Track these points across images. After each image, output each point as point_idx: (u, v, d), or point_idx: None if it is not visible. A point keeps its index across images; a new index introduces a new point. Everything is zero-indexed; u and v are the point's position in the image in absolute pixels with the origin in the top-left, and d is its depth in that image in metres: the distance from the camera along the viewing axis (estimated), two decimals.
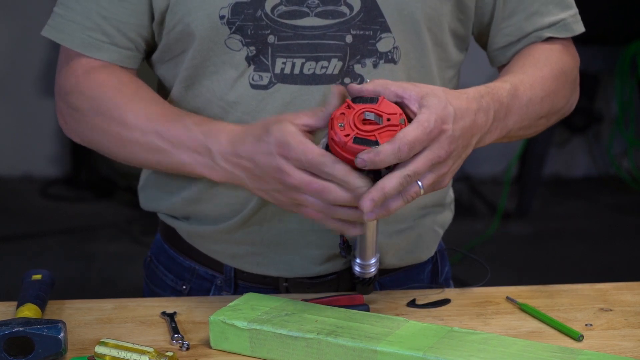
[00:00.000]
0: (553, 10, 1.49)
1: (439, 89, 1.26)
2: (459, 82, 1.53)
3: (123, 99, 1.41)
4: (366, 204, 1.21)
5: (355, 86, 1.26)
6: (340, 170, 1.22)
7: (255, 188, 1.32)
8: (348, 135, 1.21)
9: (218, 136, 1.33)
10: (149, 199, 1.55)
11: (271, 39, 1.37)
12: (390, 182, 1.21)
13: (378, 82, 1.26)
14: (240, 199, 1.44)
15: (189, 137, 1.35)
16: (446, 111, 1.23)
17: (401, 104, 1.25)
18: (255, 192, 1.33)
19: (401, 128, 1.21)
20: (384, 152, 1.19)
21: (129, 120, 1.39)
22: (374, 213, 1.22)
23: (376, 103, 1.24)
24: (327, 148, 1.25)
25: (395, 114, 1.23)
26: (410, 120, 1.23)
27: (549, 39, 1.49)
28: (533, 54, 1.47)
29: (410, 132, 1.20)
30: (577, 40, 1.53)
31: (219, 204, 1.46)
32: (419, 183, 1.23)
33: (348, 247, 1.39)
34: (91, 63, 1.43)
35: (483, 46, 1.54)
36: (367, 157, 1.19)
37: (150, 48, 1.47)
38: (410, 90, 1.25)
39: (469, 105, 1.27)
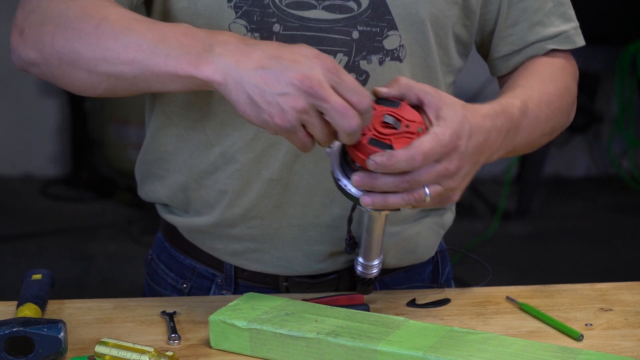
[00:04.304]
0: (556, 22, 1.49)
1: (458, 102, 1.25)
2: (455, 91, 1.53)
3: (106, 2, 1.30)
4: (357, 182, 1.21)
5: (382, 89, 1.25)
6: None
7: (253, 84, 1.17)
8: (365, 135, 1.21)
9: (227, 35, 1.22)
10: (144, 187, 1.54)
11: (276, 27, 1.37)
12: (384, 180, 1.20)
13: (403, 82, 1.25)
14: (233, 180, 1.43)
15: (184, 32, 1.22)
16: (463, 127, 1.22)
17: (419, 109, 1.24)
18: (247, 89, 1.17)
19: (418, 136, 1.20)
20: (397, 157, 1.18)
21: (110, 15, 1.25)
22: (370, 198, 1.22)
23: (397, 107, 1.23)
24: (342, 145, 1.25)
25: (415, 121, 1.22)
26: (427, 128, 1.23)
27: (551, 51, 1.49)
28: (538, 68, 1.47)
29: (426, 143, 1.19)
30: None
31: (213, 189, 1.44)
32: (427, 190, 1.22)
33: (354, 244, 1.39)
34: None
35: (484, 56, 1.54)
36: (380, 159, 1.18)
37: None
38: (430, 97, 1.23)
39: (483, 122, 1.27)
